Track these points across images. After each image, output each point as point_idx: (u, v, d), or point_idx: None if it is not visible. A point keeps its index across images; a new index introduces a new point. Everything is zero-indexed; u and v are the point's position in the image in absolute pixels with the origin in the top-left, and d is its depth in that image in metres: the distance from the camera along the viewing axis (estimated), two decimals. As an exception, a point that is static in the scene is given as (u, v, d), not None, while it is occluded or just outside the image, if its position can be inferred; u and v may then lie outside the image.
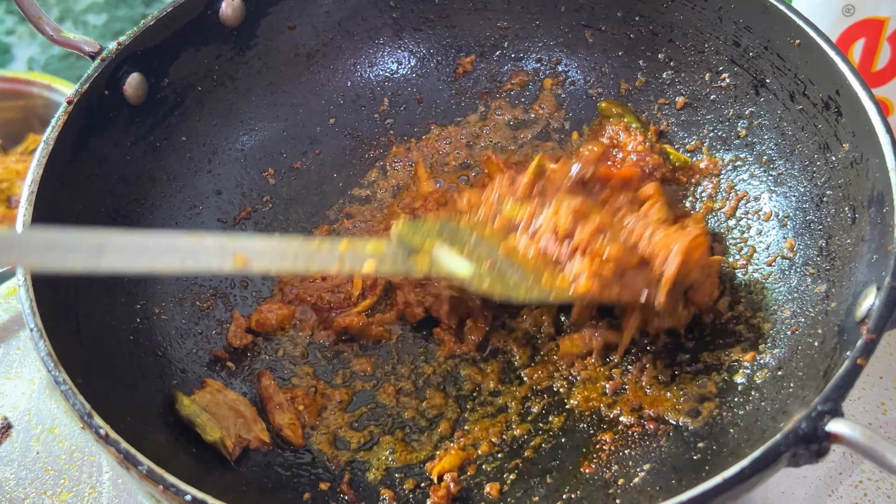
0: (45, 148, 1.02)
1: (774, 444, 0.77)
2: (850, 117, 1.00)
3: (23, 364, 1.26)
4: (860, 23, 1.17)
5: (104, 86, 1.10)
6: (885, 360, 1.18)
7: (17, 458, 1.17)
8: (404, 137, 1.33)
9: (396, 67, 1.35)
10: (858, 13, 1.17)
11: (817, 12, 1.19)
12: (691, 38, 1.21)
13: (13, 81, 1.64)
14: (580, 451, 1.02)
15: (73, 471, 1.16)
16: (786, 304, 1.04)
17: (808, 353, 0.95)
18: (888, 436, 1.12)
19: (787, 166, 1.12)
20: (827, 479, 1.08)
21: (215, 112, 1.25)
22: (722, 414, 0.99)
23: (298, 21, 1.29)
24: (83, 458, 1.17)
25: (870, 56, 1.19)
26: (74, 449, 1.17)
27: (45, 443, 1.18)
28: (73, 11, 1.98)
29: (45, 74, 1.65)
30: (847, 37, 1.19)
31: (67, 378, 0.85)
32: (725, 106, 1.20)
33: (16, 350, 1.28)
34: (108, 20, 1.96)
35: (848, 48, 1.20)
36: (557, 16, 1.30)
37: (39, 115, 1.63)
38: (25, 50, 1.92)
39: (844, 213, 1.00)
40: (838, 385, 0.79)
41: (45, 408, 1.21)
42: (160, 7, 1.16)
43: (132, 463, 0.80)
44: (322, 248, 0.98)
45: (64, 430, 1.19)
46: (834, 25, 1.19)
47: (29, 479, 1.15)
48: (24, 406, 1.22)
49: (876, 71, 1.20)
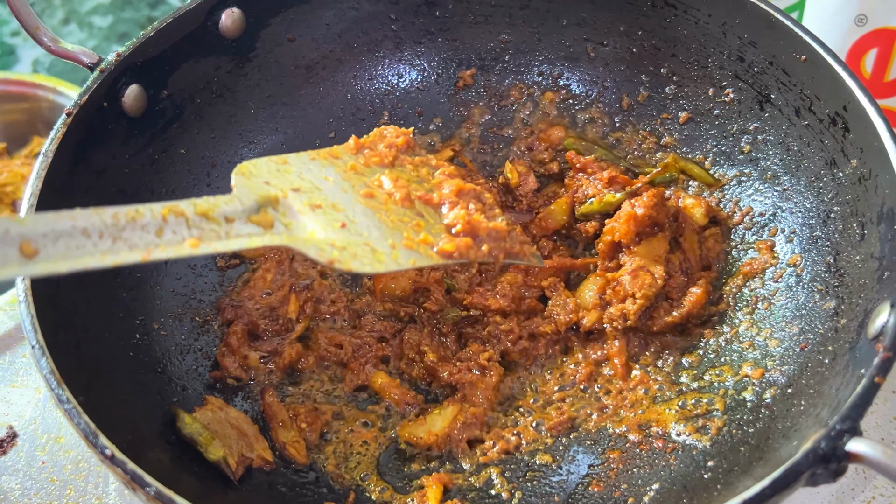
0: (44, 160, 1.00)
1: (794, 464, 0.76)
2: (858, 133, 1.00)
3: (28, 373, 1.24)
4: (872, 33, 1.18)
5: (103, 97, 1.08)
6: None
7: (23, 467, 1.15)
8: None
9: (397, 80, 1.34)
10: (871, 23, 1.17)
11: (829, 23, 1.19)
12: (695, 53, 1.20)
13: (18, 84, 1.62)
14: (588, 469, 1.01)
15: (78, 481, 1.13)
16: (794, 321, 1.03)
17: (819, 371, 0.94)
18: None
19: (792, 182, 1.11)
20: (839, 494, 1.07)
21: (214, 124, 1.23)
22: (731, 431, 0.98)
23: (298, 33, 1.27)
24: (89, 469, 1.14)
25: (882, 66, 1.20)
26: (80, 459, 1.15)
27: (51, 452, 1.16)
28: (79, 13, 1.96)
29: (50, 77, 1.64)
30: (859, 47, 1.19)
31: (71, 397, 0.83)
32: (729, 121, 1.19)
33: (21, 358, 1.26)
34: (114, 22, 1.94)
35: (860, 58, 1.20)
36: (559, 29, 1.29)
37: (44, 117, 1.62)
38: (30, 52, 1.90)
39: (853, 229, 1.00)
40: (856, 404, 0.78)
41: (50, 417, 1.19)
42: (166, 9, 1.15)
43: (139, 484, 0.78)
44: (139, 216, 0.76)
45: (70, 439, 1.17)
46: (846, 35, 1.19)
47: (34, 489, 1.13)
48: (29, 415, 1.20)
49: (888, 81, 1.21)
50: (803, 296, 1.04)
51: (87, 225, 0.72)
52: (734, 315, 1.10)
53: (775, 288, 1.08)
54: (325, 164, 0.98)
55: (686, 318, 1.09)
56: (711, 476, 0.94)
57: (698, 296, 1.09)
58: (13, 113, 1.63)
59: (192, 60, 1.19)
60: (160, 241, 0.76)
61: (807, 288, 1.05)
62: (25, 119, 1.63)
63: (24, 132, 1.63)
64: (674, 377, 1.07)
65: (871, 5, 1.16)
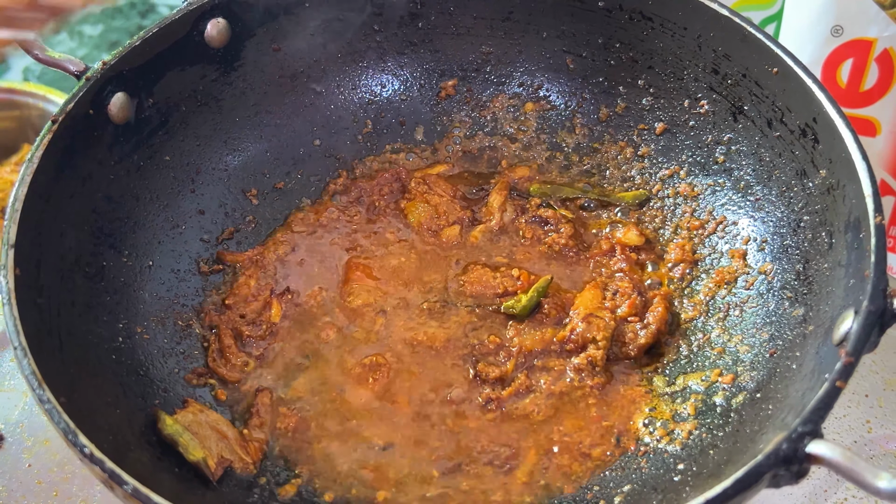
0: (29, 166, 1.02)
1: (756, 465, 0.78)
2: (826, 144, 1.02)
3: (15, 376, 1.25)
4: (848, 43, 1.20)
5: (89, 105, 1.10)
6: (869, 378, 1.20)
7: (9, 470, 1.16)
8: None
9: (380, 90, 1.37)
10: (847, 34, 1.19)
11: (806, 33, 1.21)
12: (671, 66, 1.23)
13: (8, 92, 1.64)
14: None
15: (64, 483, 1.15)
16: (764, 328, 1.06)
17: (787, 376, 0.97)
18: (873, 454, 1.14)
19: (764, 192, 1.14)
20: (812, 496, 1.09)
21: (199, 132, 1.25)
22: (701, 435, 1.00)
23: (283, 43, 1.29)
24: (75, 471, 1.16)
25: (858, 76, 1.22)
26: (66, 462, 1.16)
27: (38, 455, 1.17)
28: (69, 22, 1.97)
29: (41, 85, 1.65)
30: (835, 57, 1.21)
31: (52, 397, 0.85)
32: (704, 132, 1.22)
33: (8, 362, 1.27)
34: (104, 31, 1.96)
35: (836, 68, 1.22)
36: (539, 41, 1.32)
37: (35, 125, 1.63)
38: (21, 60, 1.91)
39: (821, 238, 1.02)
40: (817, 407, 0.80)
41: (37, 420, 1.20)
42: (156, 18, 1.17)
43: (117, 482, 0.80)
44: None
45: (56, 442, 1.18)
46: (822, 46, 1.21)
47: (21, 491, 1.14)
48: (16, 418, 1.21)
49: (863, 91, 1.23)
50: (773, 303, 1.07)
51: None
52: (706, 321, 1.12)
53: (747, 295, 1.11)
54: None
55: (657, 336, 1.12)
56: (681, 479, 0.96)
57: (661, 313, 1.11)
58: (3, 121, 1.65)
59: (178, 69, 1.21)
60: None
61: (777, 295, 1.07)
62: (15, 127, 1.65)
63: (14, 140, 1.65)
64: (645, 383, 1.09)
65: (847, 16, 1.18)
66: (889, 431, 1.16)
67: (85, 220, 1.10)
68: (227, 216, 1.27)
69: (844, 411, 1.17)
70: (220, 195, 1.27)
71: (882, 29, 1.17)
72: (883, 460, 1.13)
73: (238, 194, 1.28)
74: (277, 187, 1.30)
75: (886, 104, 1.23)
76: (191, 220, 1.23)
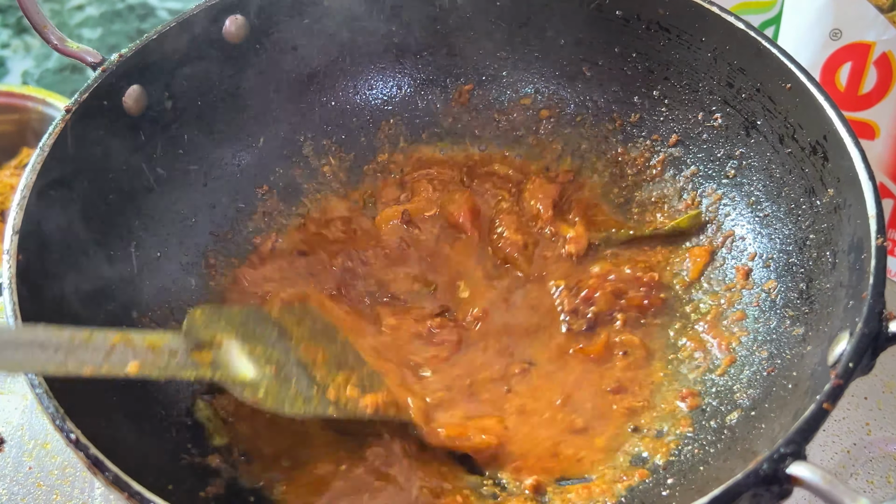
0: (39, 154, 1.03)
1: (735, 484, 0.77)
2: (835, 163, 1.01)
3: (15, 380, 1.27)
4: (847, 47, 1.19)
5: (104, 96, 1.11)
6: (868, 380, 1.18)
7: (10, 473, 1.17)
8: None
9: (396, 92, 1.37)
10: (845, 38, 1.18)
11: (805, 37, 1.21)
12: (686, 77, 1.22)
13: (8, 95, 1.66)
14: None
15: (65, 486, 1.16)
16: (764, 345, 1.04)
17: (782, 395, 0.95)
18: (872, 456, 1.12)
19: (773, 208, 1.12)
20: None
21: (214, 127, 1.26)
22: (694, 451, 1.00)
23: (302, 42, 1.30)
24: (75, 474, 1.17)
25: (856, 80, 1.21)
26: (67, 464, 1.18)
27: (38, 458, 1.19)
28: (68, 26, 2.00)
29: (40, 88, 1.67)
30: (834, 61, 1.20)
31: (43, 381, 0.86)
32: (716, 146, 1.21)
33: (8, 364, 1.29)
34: (103, 34, 1.98)
35: (835, 72, 1.21)
36: (557, 49, 1.31)
37: (34, 129, 1.64)
38: (20, 63, 1.94)
39: (826, 257, 1.01)
40: (802, 428, 0.79)
41: (37, 423, 1.22)
42: (155, 22, 1.18)
43: (99, 469, 0.81)
44: (92, 339, 0.89)
45: (56, 445, 1.19)
46: (821, 50, 1.20)
47: (21, 494, 1.15)
48: (16, 421, 1.23)
49: (862, 94, 1.22)
50: (775, 321, 1.05)
51: (45, 340, 0.86)
52: (708, 335, 1.11)
53: (749, 312, 1.09)
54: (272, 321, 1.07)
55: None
56: (669, 494, 0.95)
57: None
58: (2, 124, 1.67)
59: (195, 64, 1.22)
60: (105, 363, 0.89)
61: (779, 313, 1.05)
62: (15, 130, 1.67)
63: (13, 143, 1.67)
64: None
65: (845, 20, 1.17)
66: (888, 434, 1.14)
67: (94, 211, 1.11)
68: (238, 211, 1.28)
69: (844, 413, 1.16)
70: (232, 190, 1.28)
71: (881, 32, 1.16)
72: (882, 462, 1.12)
73: (250, 190, 1.29)
74: (290, 184, 1.31)
75: (885, 107, 1.22)
76: (201, 214, 1.25)
